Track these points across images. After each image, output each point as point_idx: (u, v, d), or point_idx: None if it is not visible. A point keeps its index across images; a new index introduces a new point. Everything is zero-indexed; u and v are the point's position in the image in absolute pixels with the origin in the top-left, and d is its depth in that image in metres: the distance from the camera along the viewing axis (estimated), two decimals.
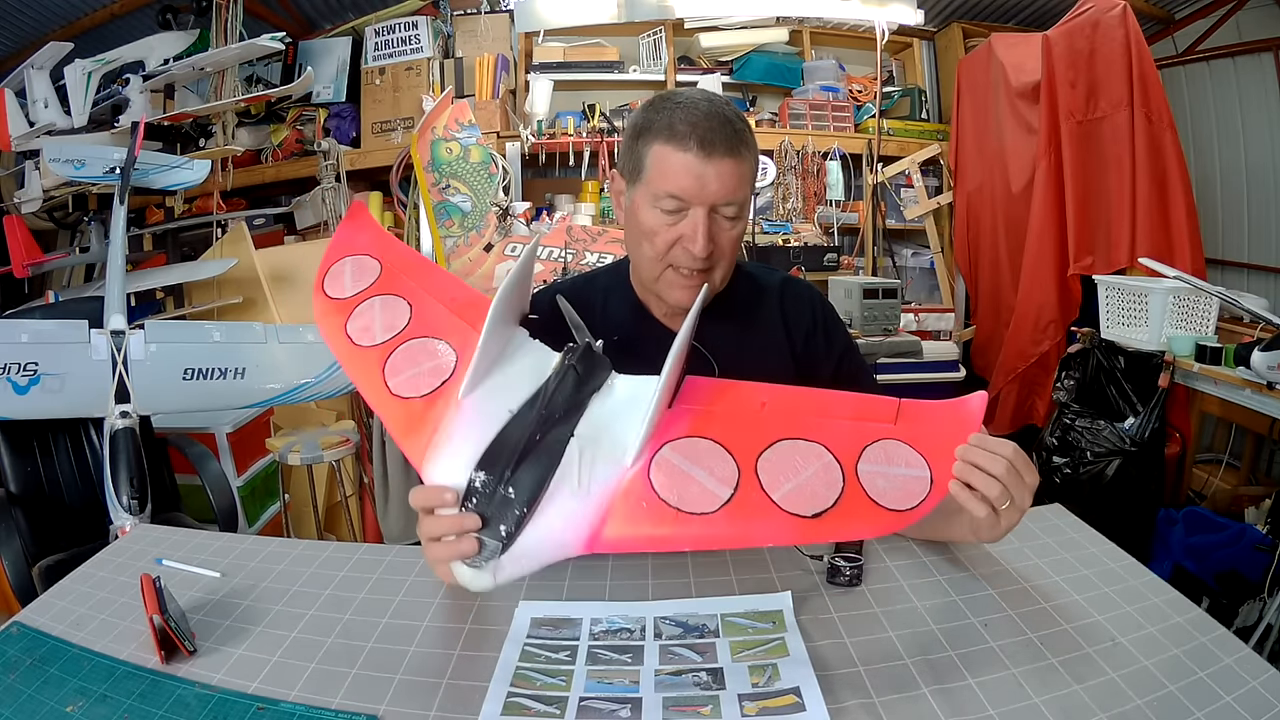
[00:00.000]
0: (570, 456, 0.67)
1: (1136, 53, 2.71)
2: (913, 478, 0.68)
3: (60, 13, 3.23)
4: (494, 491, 0.66)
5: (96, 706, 0.66)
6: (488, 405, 0.72)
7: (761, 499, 0.66)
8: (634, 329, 1.01)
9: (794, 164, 3.55)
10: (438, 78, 3.44)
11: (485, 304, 0.80)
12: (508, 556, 0.65)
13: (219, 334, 2.06)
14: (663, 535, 0.66)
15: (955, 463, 0.69)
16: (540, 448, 0.68)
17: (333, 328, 0.83)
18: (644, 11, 3.34)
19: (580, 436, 0.69)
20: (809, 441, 0.69)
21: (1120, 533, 0.97)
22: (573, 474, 0.67)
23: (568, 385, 0.72)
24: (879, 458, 0.68)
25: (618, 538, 0.66)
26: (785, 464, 0.68)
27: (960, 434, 0.70)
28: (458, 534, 0.66)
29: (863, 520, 0.66)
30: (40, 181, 2.96)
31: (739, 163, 0.88)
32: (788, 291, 1.07)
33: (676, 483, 0.67)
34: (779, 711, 0.65)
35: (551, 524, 0.66)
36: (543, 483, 0.66)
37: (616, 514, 0.66)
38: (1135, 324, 2.48)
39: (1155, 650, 0.71)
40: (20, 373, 1.76)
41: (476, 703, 0.66)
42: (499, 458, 0.67)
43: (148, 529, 1.12)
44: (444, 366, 0.76)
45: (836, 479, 0.67)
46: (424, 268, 0.89)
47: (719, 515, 0.65)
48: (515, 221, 3.06)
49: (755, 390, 0.74)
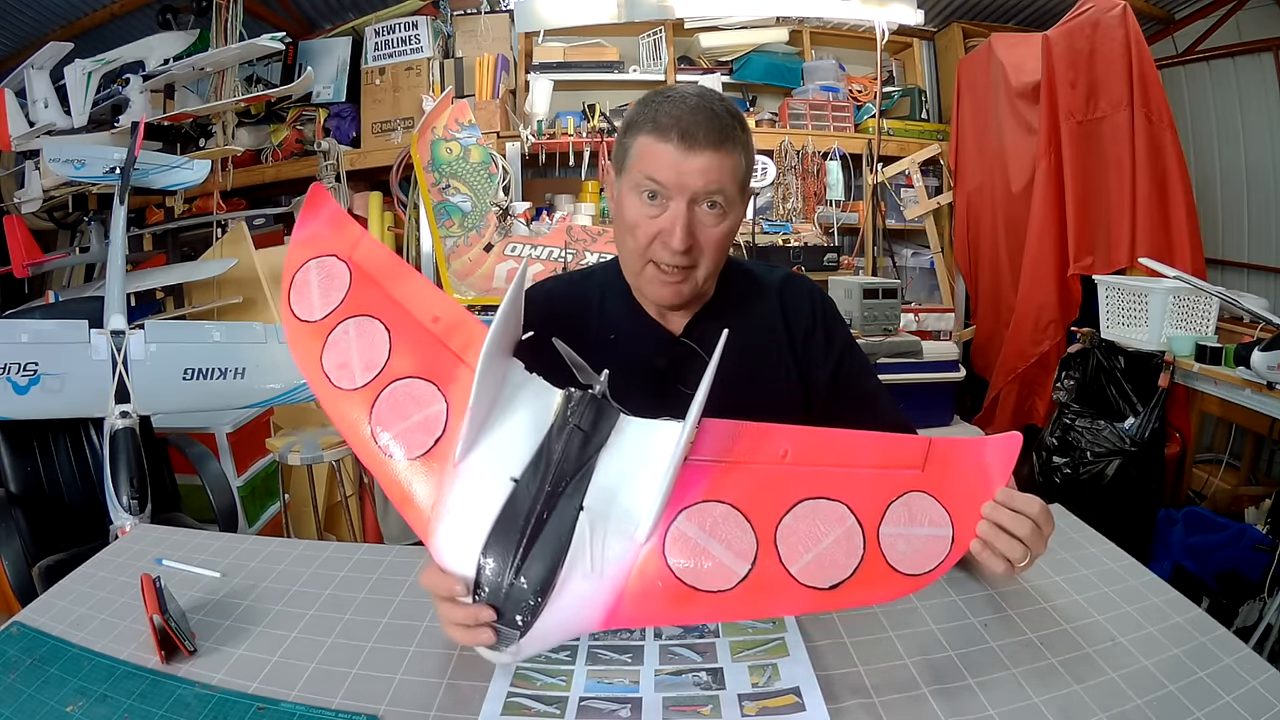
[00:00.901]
0: (581, 534, 0.64)
1: (1136, 53, 2.70)
2: (934, 537, 0.66)
3: (60, 13, 3.23)
4: (503, 580, 0.64)
5: (96, 706, 0.66)
6: (486, 473, 0.67)
7: (779, 573, 0.64)
8: (630, 327, 1.00)
9: (794, 164, 3.55)
10: (438, 78, 3.44)
11: (470, 325, 0.76)
12: (526, 640, 0.64)
13: (219, 334, 2.06)
14: (679, 612, 0.65)
15: (980, 522, 0.67)
16: (549, 526, 0.65)
17: (308, 357, 0.76)
18: (644, 11, 3.34)
19: (590, 510, 0.66)
20: (831, 501, 0.67)
21: (1120, 533, 0.97)
22: (584, 555, 0.64)
23: (573, 447, 0.68)
24: (902, 518, 0.66)
25: (632, 614, 0.65)
26: (805, 531, 0.66)
27: (988, 484, 0.68)
28: (473, 624, 0.64)
29: (879, 588, 0.65)
30: (40, 181, 2.96)
31: (723, 156, 0.86)
32: (788, 288, 1.05)
33: (692, 558, 0.65)
34: (779, 711, 0.65)
35: (567, 608, 0.64)
36: (554, 569, 0.63)
37: (632, 593, 0.64)
38: (1135, 324, 2.48)
39: (1155, 650, 0.71)
40: (20, 373, 1.76)
41: (476, 703, 0.66)
42: (506, 540, 0.64)
43: (148, 529, 1.12)
44: (434, 419, 0.71)
45: (857, 546, 0.65)
46: (396, 272, 0.81)
47: (736, 591, 0.64)
48: (515, 221, 3.06)
49: (777, 435, 0.70)
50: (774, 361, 1.02)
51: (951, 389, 2.95)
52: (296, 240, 0.83)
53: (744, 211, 0.94)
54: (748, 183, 0.93)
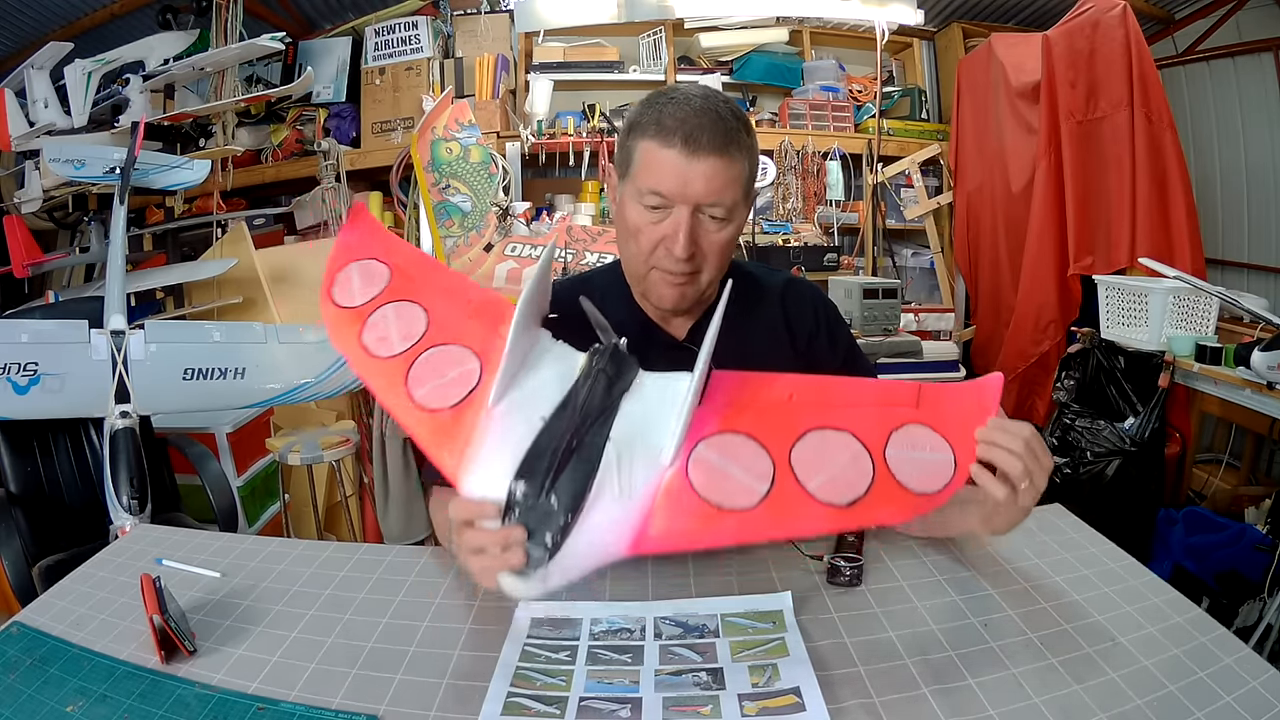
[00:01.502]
0: (608, 461, 0.68)
1: (1136, 53, 2.70)
2: (938, 461, 0.70)
3: (60, 13, 3.23)
4: (536, 502, 0.65)
5: (96, 706, 0.66)
6: (519, 413, 0.71)
7: (798, 491, 0.68)
8: (632, 334, 0.99)
9: (794, 164, 3.55)
10: (438, 78, 3.44)
11: (502, 304, 0.81)
12: (554, 564, 0.65)
13: (219, 334, 2.06)
14: (705, 532, 0.67)
15: (977, 445, 0.70)
16: (578, 454, 0.67)
17: (347, 339, 0.81)
18: (644, 11, 3.34)
19: (616, 440, 0.69)
20: (837, 431, 0.71)
21: (1120, 533, 0.97)
22: (613, 478, 0.67)
23: (598, 389, 0.72)
24: (904, 443, 0.70)
25: (662, 536, 0.67)
26: (817, 456, 0.70)
27: (979, 416, 0.72)
28: (503, 547, 0.65)
29: (895, 505, 0.68)
30: (40, 181, 2.96)
31: (728, 163, 0.85)
32: (790, 292, 1.06)
33: (715, 480, 0.68)
34: (779, 711, 0.65)
35: (596, 529, 0.66)
36: (584, 489, 0.66)
37: (659, 514, 0.67)
38: (1135, 324, 2.48)
39: (1155, 650, 0.71)
40: (20, 373, 1.76)
41: (476, 703, 0.66)
42: (537, 466, 0.67)
43: (148, 529, 1.12)
44: (469, 375, 0.76)
45: (867, 467, 0.69)
46: (433, 268, 0.88)
47: (759, 509, 0.67)
48: (515, 221, 3.06)
49: (781, 381, 0.76)
50: (776, 365, 1.01)
51: None
52: (337, 248, 0.90)
53: (747, 215, 0.94)
54: (752, 187, 0.92)
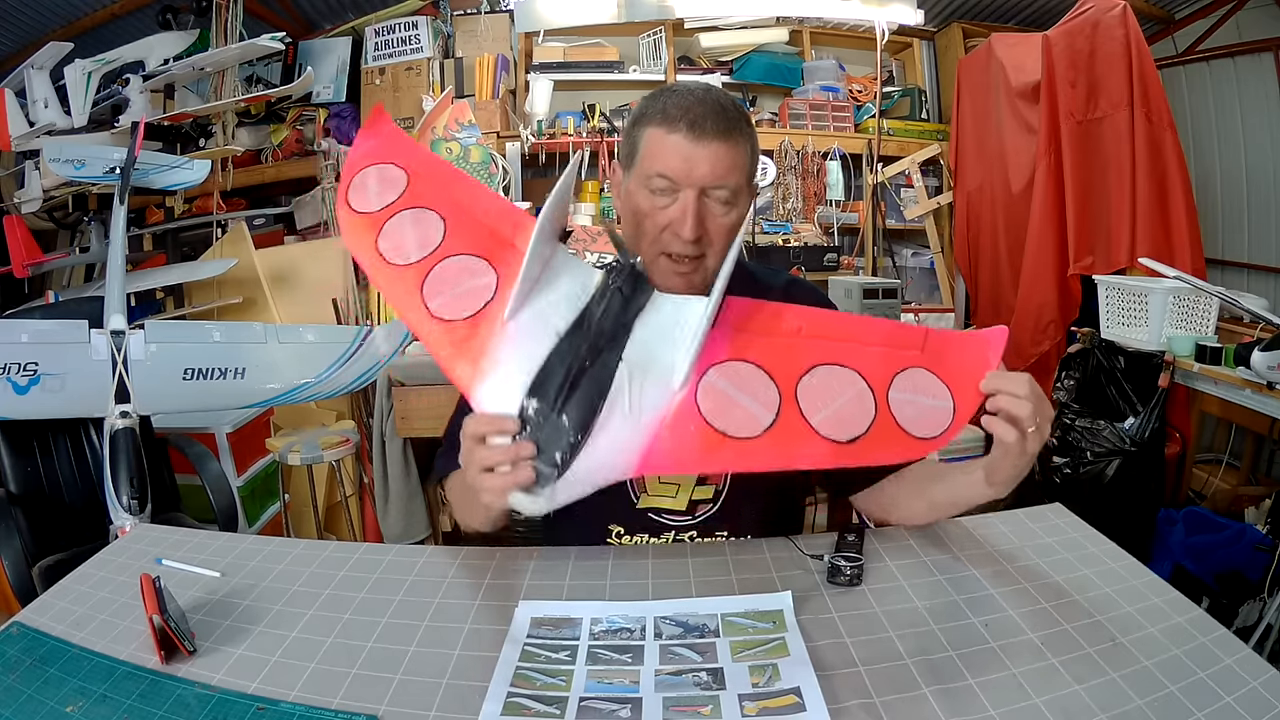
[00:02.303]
0: (620, 382, 0.69)
1: (1136, 53, 2.70)
2: (937, 408, 0.72)
3: (60, 13, 3.23)
4: (547, 419, 0.67)
5: (96, 706, 0.66)
6: (534, 328, 0.72)
7: (801, 424, 0.69)
8: None
9: (794, 164, 3.55)
10: (438, 78, 3.44)
11: (520, 215, 0.81)
12: (562, 482, 0.67)
13: (219, 334, 2.06)
14: (709, 457, 0.68)
15: (983, 398, 0.73)
16: (590, 374, 0.69)
17: (362, 244, 0.80)
18: (644, 11, 3.34)
19: (628, 361, 0.70)
20: (844, 367, 0.73)
21: (1120, 533, 0.97)
22: (623, 399, 0.69)
23: (614, 307, 0.73)
24: (907, 386, 0.72)
25: (666, 460, 0.68)
26: (822, 389, 0.71)
27: (981, 367, 0.74)
28: (513, 463, 0.66)
29: (893, 446, 0.70)
30: (40, 181, 2.96)
31: (730, 147, 0.88)
32: (792, 292, 1.06)
33: (722, 407, 0.69)
34: (779, 711, 0.64)
35: (604, 449, 0.67)
36: (594, 409, 0.67)
37: (665, 437, 0.69)
38: (1135, 324, 2.48)
39: (1155, 650, 0.71)
40: (20, 373, 1.76)
41: (476, 703, 0.66)
42: (550, 384, 0.68)
43: (148, 529, 1.12)
44: (484, 287, 0.76)
45: (869, 406, 0.71)
46: (453, 176, 0.87)
47: (762, 439, 0.68)
48: None
49: (792, 313, 0.77)
50: None
51: None
52: (355, 153, 0.87)
53: (749, 205, 0.96)
54: (754, 176, 0.95)
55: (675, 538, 0.99)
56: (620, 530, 0.99)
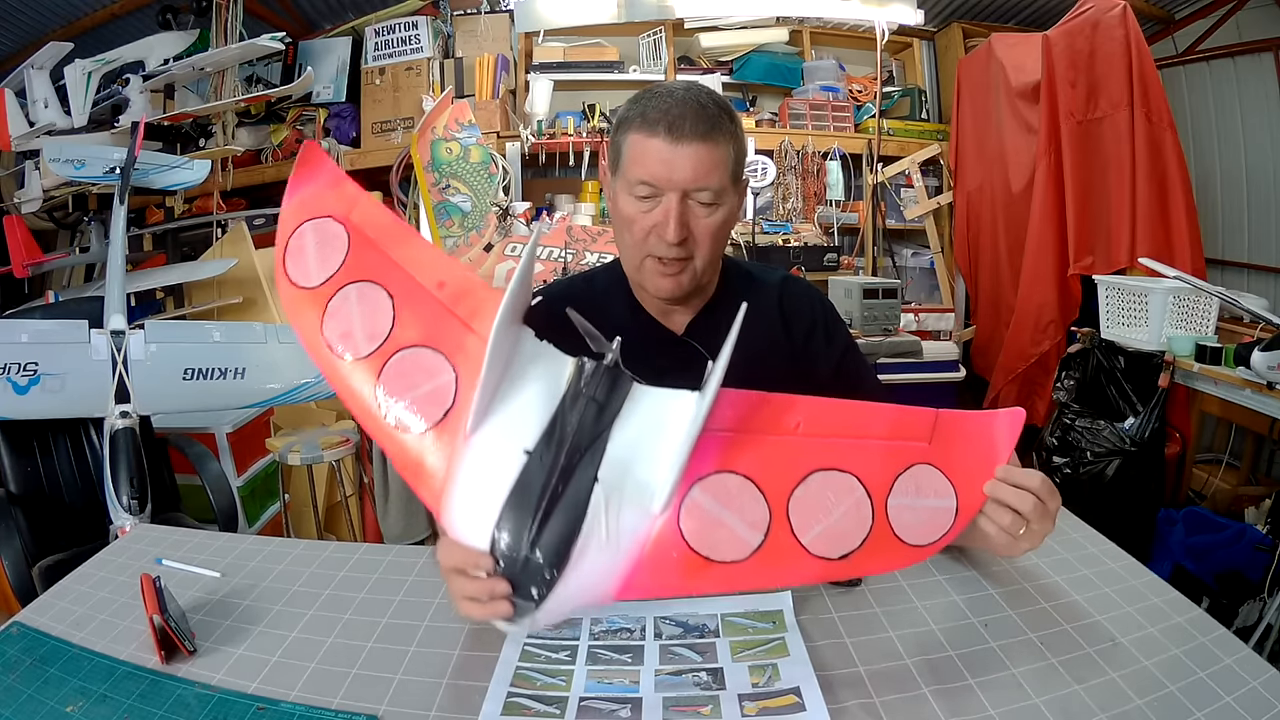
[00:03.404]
0: (596, 506, 0.64)
1: (1136, 53, 2.70)
2: (940, 509, 0.68)
3: (60, 13, 3.23)
4: (519, 555, 0.63)
5: (96, 706, 0.66)
6: (500, 444, 0.67)
7: (791, 544, 0.65)
8: (632, 327, 1.01)
9: (794, 164, 3.55)
10: (438, 78, 3.44)
11: (479, 291, 0.74)
12: (541, 612, 0.64)
13: (219, 334, 2.06)
14: (693, 582, 0.65)
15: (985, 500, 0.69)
16: (564, 500, 0.64)
17: (307, 327, 0.74)
18: (644, 11, 3.34)
19: (604, 481, 0.65)
20: (842, 473, 0.68)
21: (1120, 533, 0.97)
22: (600, 527, 0.64)
23: (588, 419, 0.67)
24: (909, 490, 0.68)
25: (647, 586, 0.65)
26: (817, 502, 0.67)
27: (992, 458, 0.70)
28: (489, 598, 0.64)
29: (886, 557, 0.67)
30: (40, 181, 2.96)
31: (710, 147, 0.87)
32: (787, 289, 1.06)
33: (706, 529, 0.65)
34: (779, 711, 0.65)
35: (583, 580, 0.64)
36: (570, 540, 0.63)
37: (647, 564, 0.65)
38: (1135, 324, 2.48)
39: (1155, 650, 0.71)
40: (20, 373, 1.76)
41: (476, 703, 0.66)
42: (521, 513, 0.64)
43: (148, 529, 1.12)
44: (443, 389, 0.69)
45: (866, 517, 0.66)
46: (397, 235, 0.77)
47: (749, 562, 0.64)
48: (515, 221, 3.06)
49: (789, 406, 0.70)
50: (774, 362, 1.02)
51: (951, 389, 2.95)
52: (290, 203, 0.80)
53: (739, 203, 0.95)
54: (740, 173, 0.94)
55: None
56: None
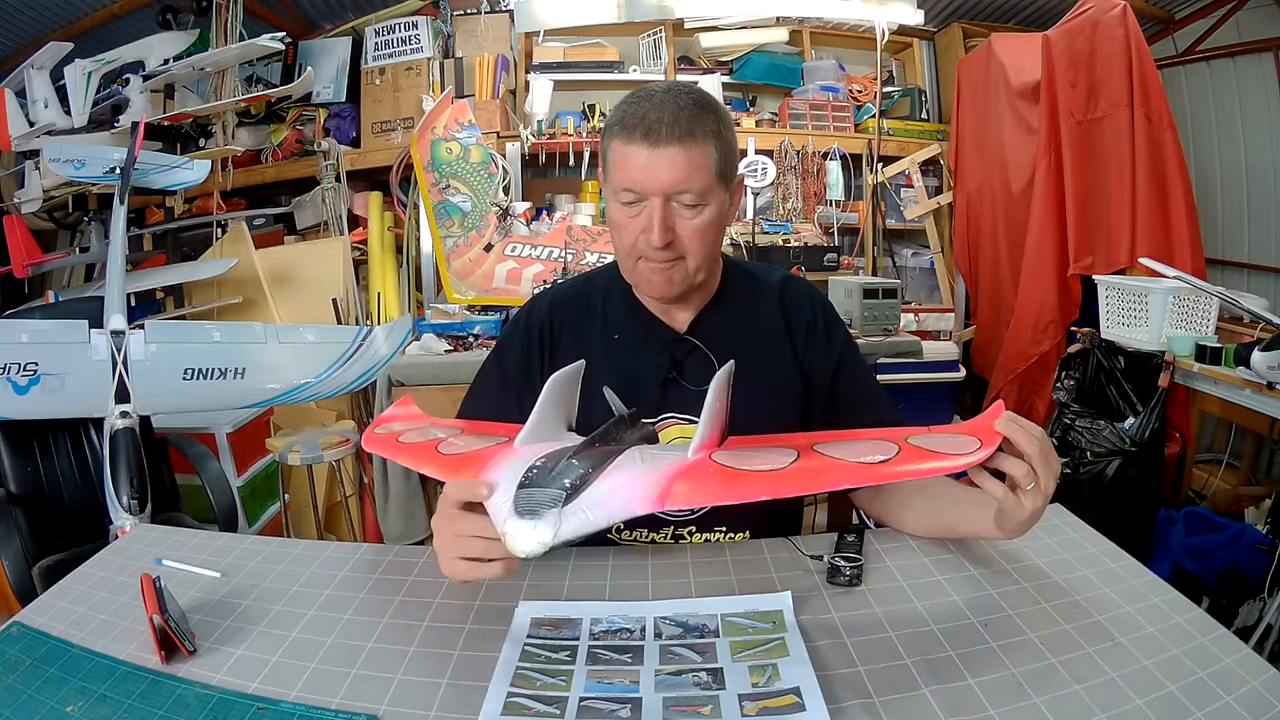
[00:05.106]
0: (630, 455, 0.71)
1: (1136, 53, 2.71)
2: (959, 440, 0.72)
3: (60, 13, 3.23)
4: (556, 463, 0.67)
5: (96, 706, 0.66)
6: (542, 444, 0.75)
7: (826, 459, 0.70)
8: (632, 326, 1.02)
9: (794, 164, 3.55)
10: (438, 78, 3.44)
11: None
12: (571, 507, 0.63)
13: (219, 334, 2.06)
14: (734, 488, 0.67)
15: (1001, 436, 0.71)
16: (597, 448, 0.71)
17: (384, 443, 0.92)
18: (644, 11, 3.34)
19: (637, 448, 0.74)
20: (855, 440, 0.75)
21: (1120, 533, 0.97)
22: (634, 460, 0.69)
23: (619, 429, 0.80)
24: (923, 439, 0.73)
25: (689, 494, 0.67)
26: (838, 447, 0.73)
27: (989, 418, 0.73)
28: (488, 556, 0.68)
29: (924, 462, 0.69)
30: (40, 181, 2.96)
31: (689, 150, 0.87)
32: (788, 289, 1.07)
33: (739, 460, 0.71)
34: (779, 711, 0.64)
35: (618, 479, 0.67)
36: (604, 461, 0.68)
37: (685, 475, 0.69)
38: (1135, 324, 2.48)
39: (1155, 650, 0.71)
40: (20, 373, 1.76)
41: (476, 703, 0.66)
42: (558, 456, 0.69)
43: (148, 529, 1.12)
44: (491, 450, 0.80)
45: (891, 446, 0.71)
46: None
47: (788, 470, 0.69)
48: (515, 221, 3.06)
49: (789, 440, 0.77)
50: (775, 359, 1.03)
51: (951, 389, 2.94)
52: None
53: (728, 199, 0.95)
54: (728, 170, 0.93)
55: (674, 533, 1.00)
56: (619, 524, 0.99)
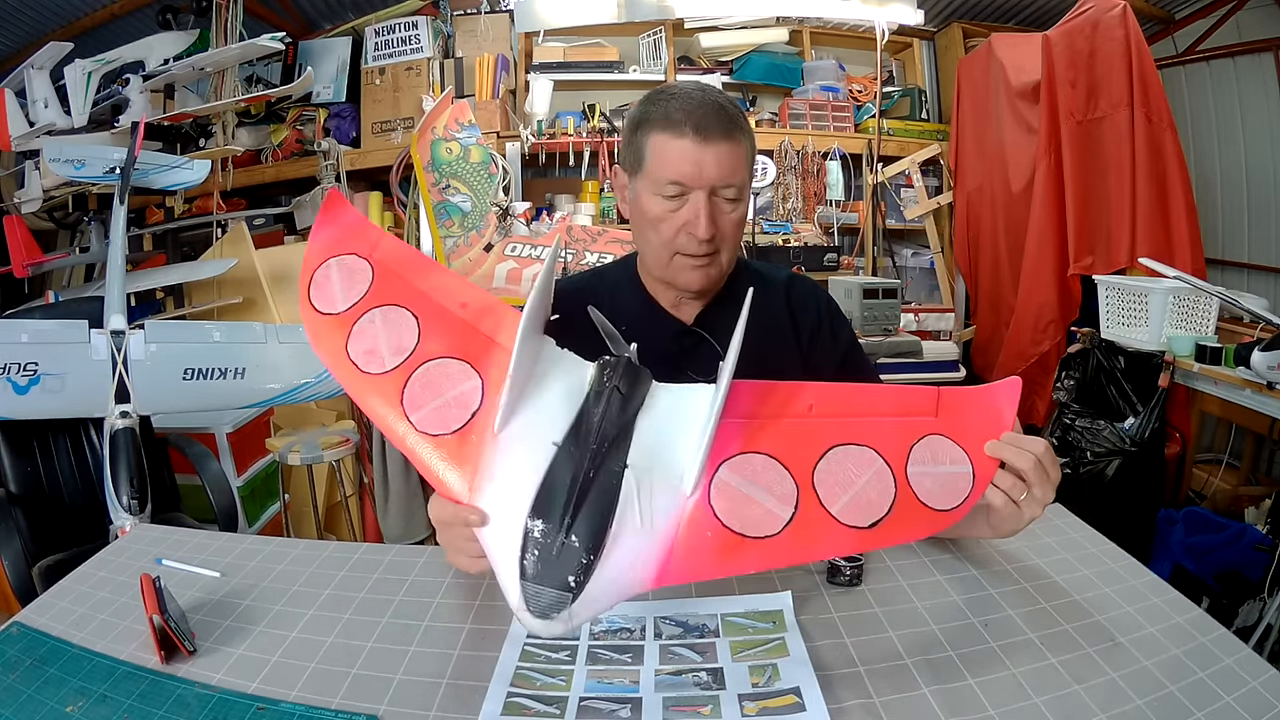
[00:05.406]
0: (628, 490, 0.65)
1: (1136, 53, 2.70)
2: (957, 474, 0.69)
3: (60, 13, 3.23)
4: (554, 540, 0.63)
5: (96, 706, 0.66)
6: (529, 438, 0.68)
7: (821, 515, 0.66)
8: (642, 321, 1.02)
9: (794, 164, 3.55)
10: (438, 78, 3.44)
11: (500, 309, 0.77)
12: (579, 604, 0.63)
13: (219, 334, 2.06)
14: (729, 562, 0.65)
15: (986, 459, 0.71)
16: (595, 485, 0.65)
17: (332, 351, 0.75)
18: (644, 11, 3.34)
19: (634, 467, 0.67)
20: (860, 446, 0.70)
21: (1120, 533, 0.97)
22: (633, 510, 0.65)
23: (613, 409, 0.69)
24: (925, 456, 0.70)
25: (685, 569, 0.65)
26: (840, 474, 0.68)
27: (997, 425, 0.72)
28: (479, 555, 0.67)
29: (915, 523, 0.67)
30: (40, 181, 2.96)
31: (735, 145, 0.90)
32: (794, 287, 1.09)
33: (737, 506, 0.66)
34: (779, 711, 0.65)
35: (619, 566, 0.63)
36: (604, 525, 0.63)
37: (682, 546, 0.65)
38: (1135, 324, 2.48)
39: (1155, 650, 0.71)
40: (20, 373, 1.76)
41: (476, 703, 0.66)
42: (553, 501, 0.64)
43: (148, 529, 1.12)
44: (469, 395, 0.71)
45: (889, 485, 0.68)
46: (419, 266, 0.81)
47: (783, 536, 0.65)
48: (515, 221, 3.06)
49: (800, 391, 0.73)
50: (781, 356, 1.04)
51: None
52: (313, 245, 0.82)
53: (749, 200, 0.98)
54: (752, 172, 0.98)
55: None
56: None
